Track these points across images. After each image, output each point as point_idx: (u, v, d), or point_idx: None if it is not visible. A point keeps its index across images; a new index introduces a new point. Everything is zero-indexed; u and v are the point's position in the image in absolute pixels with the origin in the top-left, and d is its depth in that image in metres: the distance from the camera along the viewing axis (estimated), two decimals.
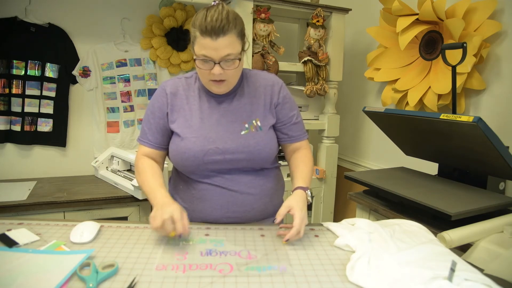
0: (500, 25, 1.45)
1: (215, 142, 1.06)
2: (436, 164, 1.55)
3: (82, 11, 2.09)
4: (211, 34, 0.94)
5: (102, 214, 1.79)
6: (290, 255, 0.89)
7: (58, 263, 0.80)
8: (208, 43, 0.95)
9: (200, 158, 1.05)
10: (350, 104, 2.42)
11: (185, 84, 1.13)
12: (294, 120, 1.17)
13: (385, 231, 0.98)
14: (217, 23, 0.94)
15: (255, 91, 1.13)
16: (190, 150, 1.05)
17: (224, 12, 0.96)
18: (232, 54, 0.98)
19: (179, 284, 0.75)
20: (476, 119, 1.09)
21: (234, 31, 0.97)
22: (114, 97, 2.22)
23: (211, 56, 0.97)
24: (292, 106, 1.17)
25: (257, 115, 1.11)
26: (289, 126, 1.16)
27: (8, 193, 1.75)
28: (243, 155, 1.06)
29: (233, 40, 0.97)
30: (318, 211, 2.26)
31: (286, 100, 1.15)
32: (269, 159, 1.12)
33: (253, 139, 1.08)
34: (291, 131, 1.17)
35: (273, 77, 1.19)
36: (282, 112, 1.14)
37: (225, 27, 0.94)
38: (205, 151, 1.05)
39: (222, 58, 0.97)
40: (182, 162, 1.08)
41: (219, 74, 0.99)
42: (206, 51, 0.97)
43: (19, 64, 1.99)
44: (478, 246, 1.03)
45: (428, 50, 1.72)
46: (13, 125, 2.03)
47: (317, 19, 2.00)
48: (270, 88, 1.14)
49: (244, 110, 1.10)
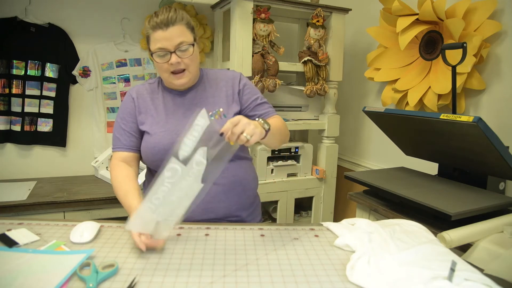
0: (500, 25, 1.45)
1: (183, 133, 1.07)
2: (436, 164, 1.55)
3: (82, 11, 2.09)
4: (161, 26, 1.03)
5: (102, 214, 1.79)
6: (290, 255, 0.89)
7: (58, 263, 0.80)
8: (160, 34, 1.03)
9: (169, 151, 1.06)
10: (350, 104, 2.42)
11: (149, 88, 1.20)
12: (258, 101, 1.22)
13: (385, 231, 0.98)
14: (165, 16, 1.03)
15: (216, 85, 1.20)
16: (159, 144, 1.10)
17: (171, 8, 1.06)
18: (184, 42, 1.06)
19: (179, 284, 0.75)
20: (476, 119, 1.09)
21: (182, 22, 1.06)
22: (114, 97, 2.22)
23: (165, 47, 1.04)
24: (254, 91, 1.23)
25: (220, 105, 1.15)
26: (254, 107, 1.21)
27: (8, 193, 1.75)
28: None
29: (183, 29, 1.06)
30: (318, 211, 2.26)
31: (246, 87, 1.22)
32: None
33: (218, 126, 1.09)
34: (257, 111, 1.21)
35: (231, 72, 1.26)
36: (244, 97, 1.20)
37: (172, 18, 1.04)
38: (173, 143, 1.06)
39: (176, 47, 1.05)
40: (153, 157, 1.12)
41: (177, 62, 1.06)
42: (160, 43, 1.04)
43: (19, 64, 1.99)
44: (478, 246, 1.03)
45: (428, 50, 1.72)
46: (13, 125, 2.03)
47: (317, 19, 2.00)
48: (230, 81, 1.21)
49: (208, 102, 1.16)
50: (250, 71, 1.92)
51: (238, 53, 1.88)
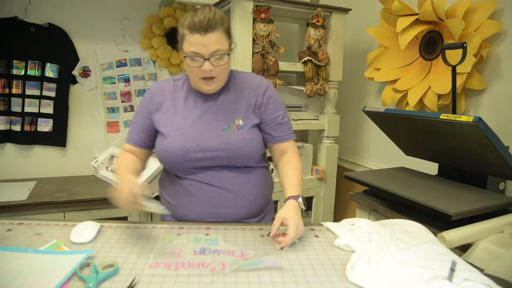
0: (500, 25, 1.45)
1: (197, 139, 1.07)
2: (436, 164, 1.55)
3: (82, 11, 2.09)
4: (200, 30, 0.97)
5: (102, 214, 1.79)
6: (290, 255, 0.89)
7: (58, 263, 0.80)
8: (197, 39, 0.98)
9: (182, 156, 1.07)
10: (350, 104, 2.42)
11: (173, 86, 1.16)
12: (278, 120, 1.16)
13: (385, 231, 0.98)
14: (206, 20, 0.97)
15: (241, 91, 1.15)
16: (172, 148, 1.08)
17: (212, 10, 1.01)
18: (220, 50, 1.01)
19: (179, 284, 0.75)
20: (476, 119, 1.09)
21: (222, 28, 1.01)
22: (114, 97, 2.22)
23: (200, 52, 0.99)
24: (278, 106, 1.17)
25: (239, 114, 1.12)
26: (273, 126, 1.15)
27: (8, 193, 1.75)
28: (223, 153, 1.08)
29: (221, 37, 1.01)
30: (318, 211, 2.26)
31: (270, 101, 1.15)
32: (251, 157, 1.12)
33: (234, 137, 1.09)
34: (274, 131, 1.16)
35: (260, 79, 1.19)
36: (266, 112, 1.14)
37: (213, 24, 0.98)
38: (186, 149, 1.07)
39: (211, 54, 1.00)
40: (166, 160, 1.11)
41: (209, 70, 1.01)
42: (195, 48, 0.99)
43: (19, 64, 1.99)
44: (478, 246, 1.03)
45: (428, 50, 1.72)
46: (13, 125, 2.03)
47: (317, 19, 2.00)
48: (255, 89, 1.15)
49: (228, 108, 1.12)
50: (250, 71, 1.91)
51: (238, 53, 1.88)
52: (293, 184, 1.08)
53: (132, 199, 0.89)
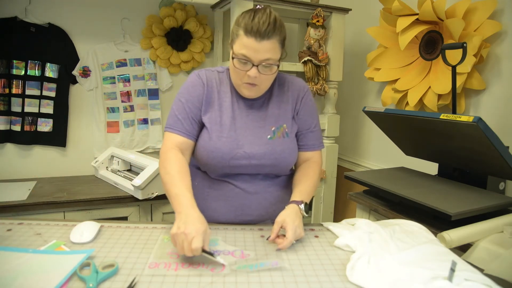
0: (500, 25, 1.45)
1: (244, 146, 1.04)
2: (436, 164, 1.55)
3: (82, 11, 2.09)
4: (256, 35, 0.93)
5: (102, 214, 1.79)
6: (290, 255, 0.90)
7: (58, 263, 0.80)
8: (251, 43, 0.94)
9: (226, 160, 1.04)
10: (350, 104, 2.42)
11: (218, 78, 1.10)
12: (311, 128, 1.14)
13: (385, 231, 0.98)
14: (264, 26, 0.93)
15: (283, 95, 1.11)
16: (218, 150, 1.03)
17: (272, 16, 0.95)
18: (271, 59, 0.97)
19: (179, 284, 0.75)
20: (476, 119, 1.09)
21: (278, 38, 0.97)
22: (114, 97, 2.22)
23: (250, 57, 0.96)
24: (313, 114, 1.14)
25: (284, 120, 1.09)
26: (305, 133, 1.13)
27: (8, 193, 1.75)
28: (269, 162, 1.06)
29: (275, 46, 0.97)
30: (318, 211, 2.26)
31: (307, 107, 1.13)
32: (289, 166, 1.12)
33: (280, 146, 1.07)
34: (306, 139, 1.14)
35: (299, 82, 1.16)
36: (302, 118, 1.13)
37: (270, 32, 0.94)
38: (232, 154, 1.04)
39: (261, 62, 0.96)
40: (208, 161, 1.06)
41: (254, 77, 0.98)
42: (246, 51, 0.95)
43: (19, 64, 1.99)
44: (478, 246, 1.03)
45: (428, 50, 1.72)
46: (13, 125, 2.03)
47: (317, 19, 2.00)
48: (296, 93, 1.12)
49: (272, 115, 1.09)
50: None
51: None
52: (300, 191, 1.06)
53: (195, 254, 0.82)
